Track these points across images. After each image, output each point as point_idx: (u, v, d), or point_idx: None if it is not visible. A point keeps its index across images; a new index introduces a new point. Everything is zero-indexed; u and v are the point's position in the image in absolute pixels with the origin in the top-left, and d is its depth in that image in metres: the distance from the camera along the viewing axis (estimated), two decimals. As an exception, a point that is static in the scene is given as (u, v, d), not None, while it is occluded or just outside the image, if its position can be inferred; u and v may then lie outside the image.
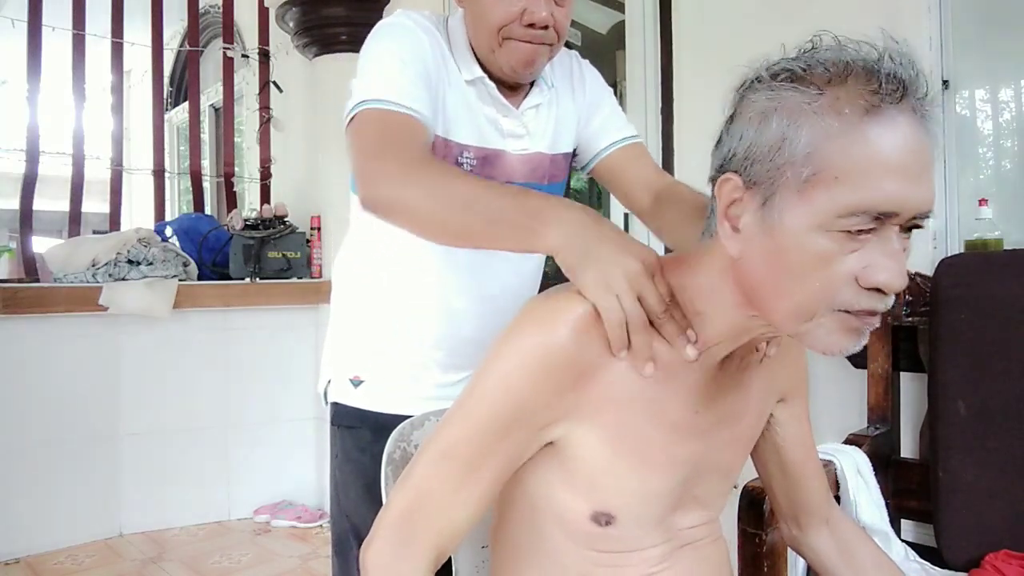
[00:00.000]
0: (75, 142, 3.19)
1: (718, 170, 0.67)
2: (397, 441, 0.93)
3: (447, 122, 1.05)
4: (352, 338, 1.21)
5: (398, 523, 0.70)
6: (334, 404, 1.20)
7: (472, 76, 1.07)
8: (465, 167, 1.07)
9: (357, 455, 1.16)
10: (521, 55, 1.03)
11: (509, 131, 1.11)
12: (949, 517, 1.35)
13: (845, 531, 0.94)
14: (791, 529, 0.96)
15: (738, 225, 0.65)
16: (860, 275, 0.60)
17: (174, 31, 4.41)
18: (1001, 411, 1.31)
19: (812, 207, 0.59)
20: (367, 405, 1.17)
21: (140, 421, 2.85)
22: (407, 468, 0.72)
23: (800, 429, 0.89)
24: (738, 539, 1.05)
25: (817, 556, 0.94)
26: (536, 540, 0.77)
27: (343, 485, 1.19)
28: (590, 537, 0.74)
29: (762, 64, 0.65)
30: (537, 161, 1.15)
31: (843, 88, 0.60)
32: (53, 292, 2.69)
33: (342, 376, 1.20)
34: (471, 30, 1.07)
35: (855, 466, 1.32)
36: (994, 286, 1.34)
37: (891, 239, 0.60)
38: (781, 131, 0.61)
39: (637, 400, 0.70)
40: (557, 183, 1.21)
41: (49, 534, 2.67)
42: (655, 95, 2.23)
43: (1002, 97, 1.73)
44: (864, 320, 0.62)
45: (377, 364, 1.18)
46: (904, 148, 0.59)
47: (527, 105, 1.12)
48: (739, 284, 0.67)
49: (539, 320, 0.69)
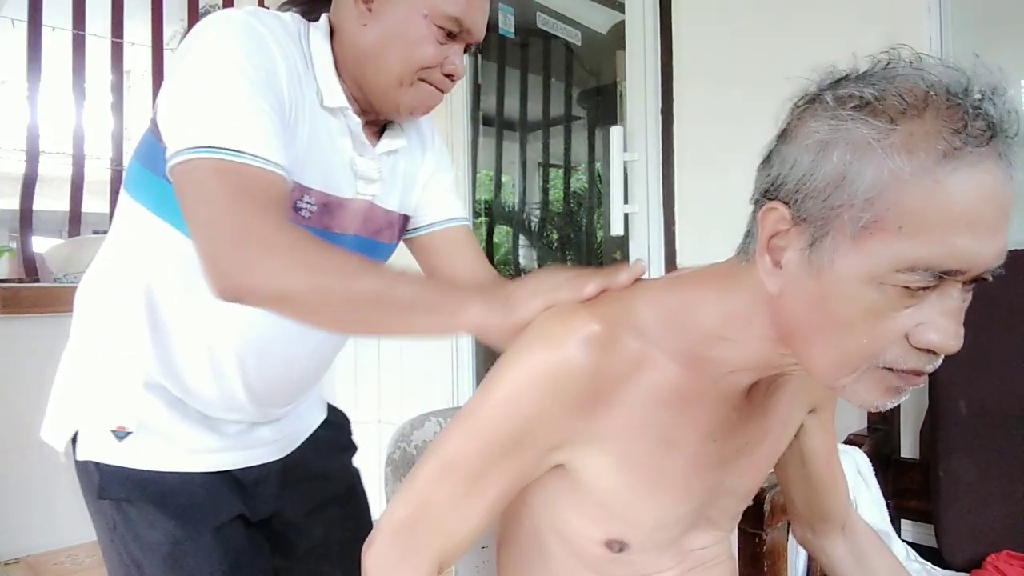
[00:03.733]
0: (75, 142, 3.18)
1: (763, 194, 0.61)
2: (397, 442, 0.92)
3: (294, 160, 0.85)
4: (110, 380, 0.95)
5: (399, 531, 0.68)
6: (92, 465, 0.94)
7: (335, 104, 0.92)
8: (303, 213, 0.90)
9: (146, 532, 0.93)
10: (427, 99, 0.95)
11: (362, 173, 0.97)
12: (949, 517, 1.35)
13: (861, 538, 0.93)
14: (805, 532, 0.94)
15: (780, 261, 0.59)
16: (912, 333, 0.54)
17: (174, 31, 4.41)
18: (1001, 411, 1.31)
19: (868, 257, 0.53)
20: (139, 463, 0.93)
21: (140, 421, 2.85)
22: (411, 473, 0.71)
23: (826, 438, 0.86)
24: (738, 539, 1.05)
25: (831, 562, 0.93)
26: (541, 559, 0.75)
27: (136, 564, 0.94)
28: (601, 561, 0.71)
29: (826, 79, 0.58)
30: (380, 216, 1.02)
31: (919, 123, 0.52)
32: (53, 292, 2.68)
33: (98, 426, 0.94)
34: (367, 55, 0.92)
35: (855, 466, 1.32)
36: (994, 286, 1.34)
37: (952, 296, 0.54)
38: (842, 168, 0.53)
39: (651, 427, 0.66)
40: (392, 244, 1.08)
41: (49, 534, 2.67)
42: (655, 95, 2.23)
43: (1002, 97, 1.73)
44: (908, 380, 0.57)
45: (146, 408, 0.94)
46: (984, 200, 0.51)
47: (382, 149, 1.00)
48: (774, 320, 0.61)
49: (550, 338, 0.64)
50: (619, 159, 2.29)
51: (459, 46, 0.95)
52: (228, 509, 0.98)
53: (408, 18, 0.90)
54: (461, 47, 0.95)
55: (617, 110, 3.16)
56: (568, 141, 4.15)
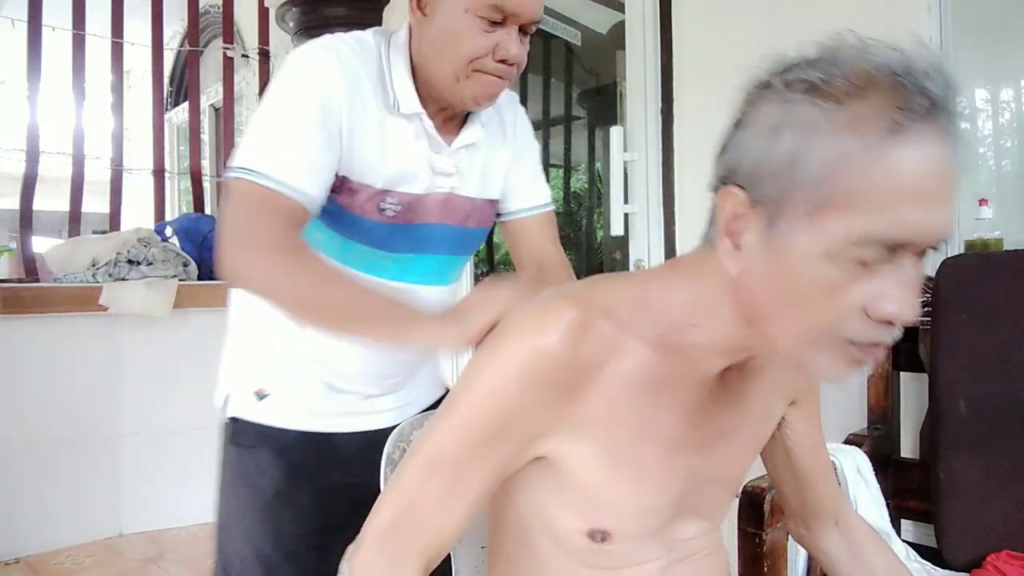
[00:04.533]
0: (75, 142, 3.19)
1: (720, 180, 0.63)
2: (396, 442, 0.92)
3: (371, 167, 0.99)
4: (257, 347, 1.11)
5: (386, 532, 0.68)
6: (233, 420, 1.10)
7: (411, 110, 1.01)
8: (388, 212, 1.01)
9: (255, 478, 1.07)
10: (486, 88, 1.00)
11: (440, 169, 1.05)
12: (949, 517, 1.34)
13: (856, 533, 0.92)
14: (799, 528, 0.94)
15: (740, 243, 0.61)
16: (869, 306, 0.56)
17: (174, 31, 4.41)
18: (1001, 411, 1.31)
19: (822, 233, 0.55)
20: (271, 420, 1.08)
21: (140, 421, 2.85)
22: (394, 474, 0.71)
23: (811, 431, 0.86)
24: (738, 539, 1.05)
25: (827, 557, 0.92)
26: (529, 555, 0.75)
27: (237, 511, 1.09)
28: (585, 553, 0.72)
29: (776, 66, 0.59)
30: (463, 204, 1.10)
31: (864, 103, 0.54)
32: (53, 292, 2.68)
33: (244, 389, 1.10)
34: (428, 56, 1.00)
35: (855, 466, 1.32)
36: (994, 286, 1.34)
37: (905, 267, 0.56)
38: (793, 149, 0.55)
39: (629, 413, 0.67)
40: (483, 228, 1.17)
41: (49, 534, 2.67)
42: (655, 95, 2.23)
43: (1002, 97, 1.73)
44: (868, 352, 0.58)
45: (284, 375, 1.09)
46: (929, 173, 0.53)
47: (460, 143, 1.07)
48: (738, 302, 0.63)
49: (529, 325, 0.66)
50: (619, 159, 2.29)
51: (510, 30, 0.97)
52: (331, 475, 1.08)
53: (452, 15, 0.96)
54: (513, 31, 0.97)
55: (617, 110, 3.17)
56: (568, 141, 4.15)
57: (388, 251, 1.05)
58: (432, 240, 1.07)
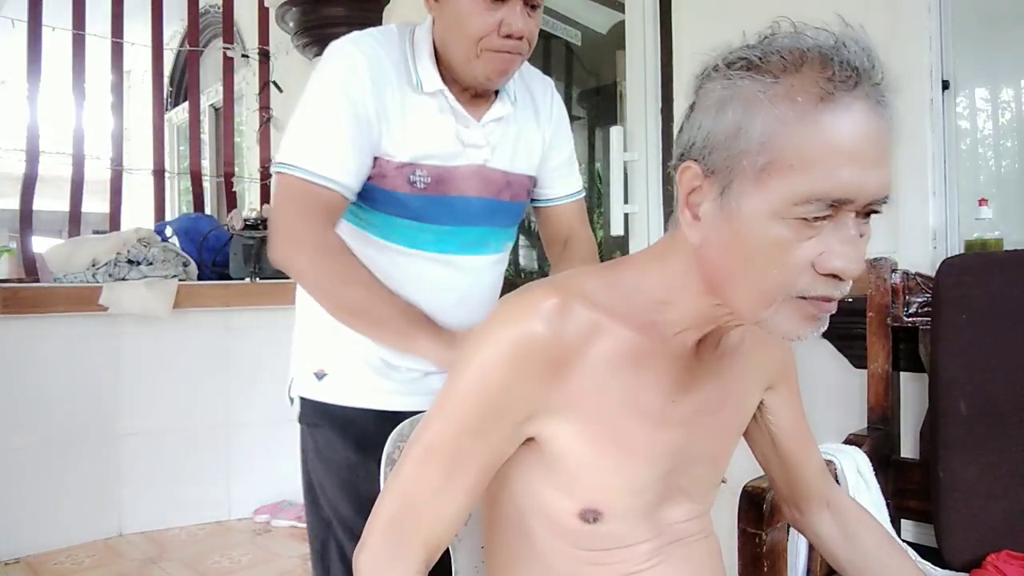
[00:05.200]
0: (75, 142, 3.19)
1: (679, 158, 0.68)
2: (396, 441, 0.93)
3: (399, 143, 1.07)
4: (315, 331, 1.20)
5: (388, 527, 0.71)
6: (299, 399, 1.20)
7: (433, 88, 1.09)
8: (418, 184, 1.09)
9: (328, 454, 1.16)
10: (497, 65, 1.06)
11: (470, 142, 1.12)
12: (949, 517, 1.34)
13: (847, 514, 0.95)
14: (792, 512, 0.97)
15: (698, 213, 0.65)
16: (816, 261, 0.60)
17: (174, 31, 4.41)
18: (1001, 411, 1.31)
19: (768, 195, 0.60)
20: (330, 398, 1.16)
21: (140, 421, 2.85)
22: (395, 468, 0.73)
23: (792, 414, 0.89)
24: (738, 539, 1.05)
25: (820, 540, 0.95)
26: (524, 541, 0.77)
27: (320, 485, 1.18)
28: (578, 535, 0.74)
29: (721, 53, 0.65)
30: (496, 177, 1.16)
31: (798, 76, 0.60)
32: (53, 292, 2.69)
33: (306, 370, 1.19)
34: (444, 40, 1.08)
35: (855, 466, 1.32)
36: (994, 286, 1.34)
37: (847, 225, 0.60)
38: (737, 120, 0.61)
39: (611, 391, 0.70)
40: (518, 203, 1.22)
41: (49, 534, 2.67)
42: (655, 95, 2.23)
43: (1002, 97, 1.73)
44: (820, 307, 0.63)
45: (340, 356, 1.16)
46: (858, 135, 0.59)
47: (489, 118, 1.13)
48: (702, 272, 0.67)
49: (512, 313, 0.69)
50: (619, 159, 2.30)
51: (513, 6, 1.03)
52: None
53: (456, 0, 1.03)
54: (516, 6, 1.03)
55: (617, 110, 3.16)
56: (568, 141, 4.14)
57: (426, 223, 1.11)
58: (468, 212, 1.13)
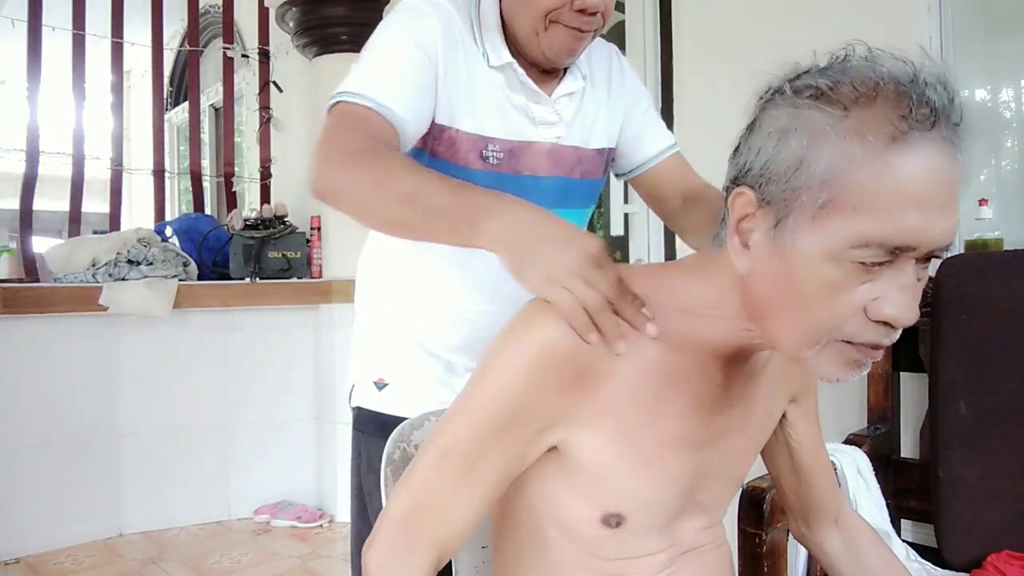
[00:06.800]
0: (75, 142, 3.19)
1: (733, 181, 0.65)
2: (397, 441, 0.92)
3: (470, 114, 1.01)
4: (376, 339, 1.16)
5: (400, 524, 0.69)
6: (357, 408, 1.16)
7: (500, 62, 1.02)
8: (491, 160, 1.03)
9: (378, 464, 1.10)
10: (566, 41, 1.00)
11: (541, 119, 1.06)
12: (949, 517, 1.34)
13: (855, 532, 0.94)
14: (799, 527, 0.95)
15: (748, 241, 0.63)
16: (869, 307, 0.58)
17: (174, 31, 4.41)
18: (1002, 411, 1.31)
19: (825, 234, 0.57)
20: (390, 409, 1.11)
21: (140, 421, 2.85)
22: (408, 467, 0.72)
23: (811, 429, 0.88)
24: (738, 539, 1.05)
25: (826, 556, 0.94)
26: (539, 550, 0.75)
27: (369, 494, 1.14)
28: (595, 543, 0.73)
29: (788, 73, 0.62)
30: (568, 154, 1.10)
31: (869, 110, 0.56)
32: (53, 292, 2.69)
33: (366, 379, 1.16)
34: (511, 11, 1.02)
35: (855, 466, 1.32)
36: (994, 286, 1.34)
37: (906, 272, 0.57)
38: (800, 152, 0.58)
39: (640, 406, 0.69)
40: (592, 179, 1.15)
41: (49, 534, 2.67)
42: (655, 95, 2.23)
43: (1002, 97, 1.73)
44: (867, 353, 0.60)
45: (402, 366, 1.13)
46: (929, 180, 0.55)
47: (560, 92, 1.07)
48: (744, 299, 0.65)
49: (536, 319, 0.68)
50: (619, 159, 2.29)
51: None
52: None
53: None
54: None
55: (617, 110, 3.16)
56: (568, 141, 4.14)
57: None
58: (541, 191, 1.07)
